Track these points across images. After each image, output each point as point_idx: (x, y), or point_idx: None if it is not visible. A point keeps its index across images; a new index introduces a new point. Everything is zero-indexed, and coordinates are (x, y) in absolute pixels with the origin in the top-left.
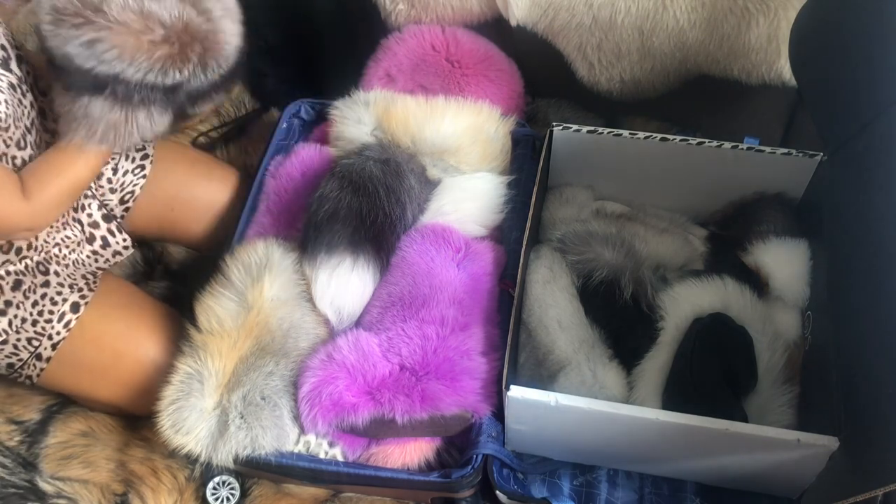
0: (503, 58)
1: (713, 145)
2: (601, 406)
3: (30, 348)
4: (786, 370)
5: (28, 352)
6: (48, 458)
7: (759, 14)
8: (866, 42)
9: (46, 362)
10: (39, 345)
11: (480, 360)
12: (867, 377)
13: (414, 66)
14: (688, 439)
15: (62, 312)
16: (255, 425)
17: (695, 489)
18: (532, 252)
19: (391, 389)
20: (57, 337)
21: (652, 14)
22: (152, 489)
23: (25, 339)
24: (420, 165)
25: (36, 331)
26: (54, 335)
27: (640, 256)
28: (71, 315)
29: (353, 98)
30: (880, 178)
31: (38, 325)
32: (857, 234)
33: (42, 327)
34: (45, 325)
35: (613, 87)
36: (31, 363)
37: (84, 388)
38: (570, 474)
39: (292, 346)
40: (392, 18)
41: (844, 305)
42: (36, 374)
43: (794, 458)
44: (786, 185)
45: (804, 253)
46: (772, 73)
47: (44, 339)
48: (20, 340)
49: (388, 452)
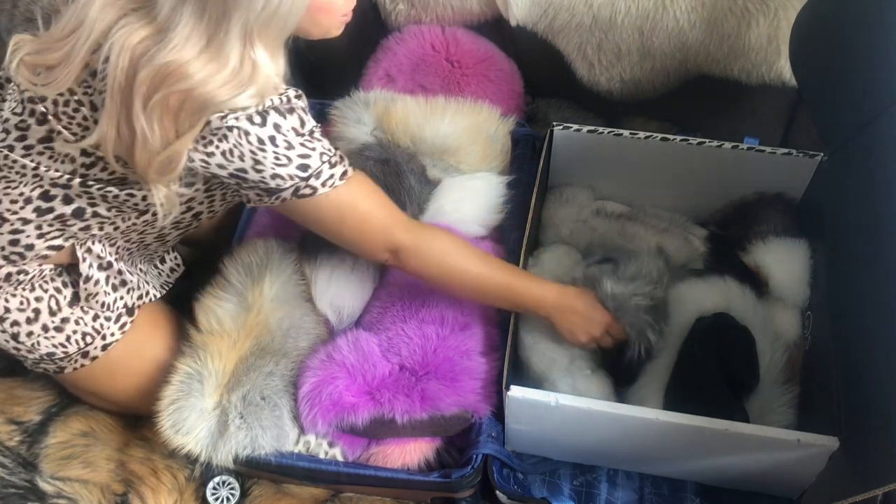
0: (503, 58)
1: (713, 145)
2: (601, 406)
3: (81, 343)
4: (786, 370)
5: (77, 347)
6: (48, 458)
7: (759, 14)
8: (866, 42)
9: (91, 361)
10: (91, 342)
11: (480, 360)
12: (867, 377)
13: (414, 66)
14: (688, 439)
15: (119, 314)
16: (255, 425)
17: (695, 489)
18: (533, 257)
19: (391, 389)
20: (111, 338)
21: (652, 14)
22: (152, 489)
23: (81, 334)
24: (420, 165)
25: (94, 327)
26: (108, 336)
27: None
28: (127, 318)
29: (353, 98)
30: (880, 178)
31: (97, 320)
32: (857, 234)
33: (101, 324)
34: (104, 321)
35: (613, 87)
36: (75, 358)
37: (117, 390)
38: (570, 474)
39: (292, 346)
40: (392, 18)
41: (844, 305)
42: (72, 369)
43: (794, 458)
44: (786, 185)
45: (804, 253)
46: (772, 73)
47: (97, 339)
48: (76, 333)
49: (388, 452)
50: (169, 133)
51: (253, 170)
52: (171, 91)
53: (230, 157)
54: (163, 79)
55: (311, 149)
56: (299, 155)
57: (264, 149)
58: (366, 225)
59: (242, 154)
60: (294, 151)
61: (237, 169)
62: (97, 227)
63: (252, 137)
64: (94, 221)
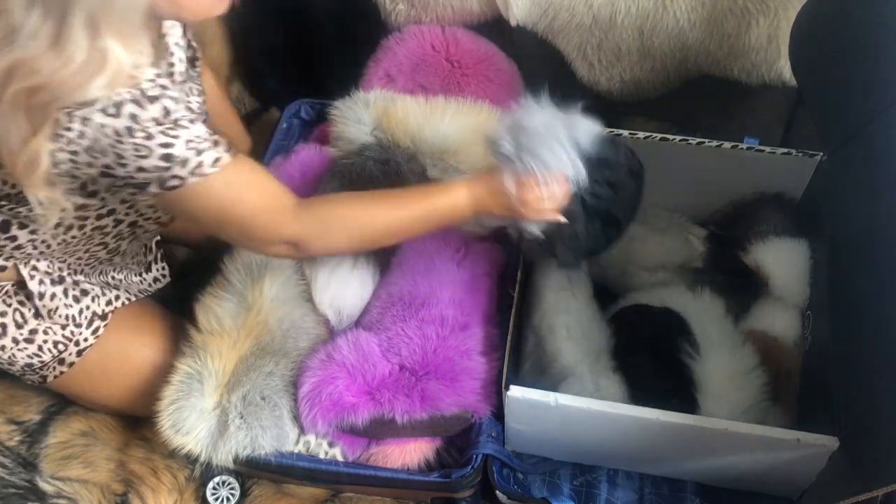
0: (503, 58)
1: (713, 145)
2: (601, 406)
3: (54, 351)
4: (752, 352)
5: (52, 355)
6: (48, 458)
7: (759, 14)
8: (866, 42)
9: (69, 367)
10: (65, 349)
11: (480, 360)
12: (867, 377)
13: (414, 67)
14: (688, 439)
15: (91, 319)
16: (255, 425)
17: (695, 489)
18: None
19: (391, 389)
20: (84, 343)
21: (652, 14)
22: (152, 489)
23: (52, 343)
24: (420, 166)
25: (65, 335)
26: (81, 342)
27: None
28: (99, 322)
29: (353, 98)
30: (880, 178)
31: (66, 328)
32: (856, 234)
33: (72, 331)
34: (74, 329)
35: (613, 87)
36: (52, 366)
37: (101, 393)
38: (570, 474)
39: (292, 346)
40: (392, 18)
41: (844, 305)
42: (53, 377)
43: (794, 458)
44: (786, 185)
45: (804, 253)
46: (772, 73)
47: (70, 345)
48: (47, 342)
49: (388, 452)
50: (25, 131)
51: (118, 164)
52: (22, 87)
53: (94, 154)
54: (11, 75)
55: (173, 136)
56: (160, 144)
57: (122, 141)
58: (248, 219)
59: (104, 149)
60: (154, 141)
61: (104, 165)
62: (30, 246)
63: (108, 129)
64: (25, 241)
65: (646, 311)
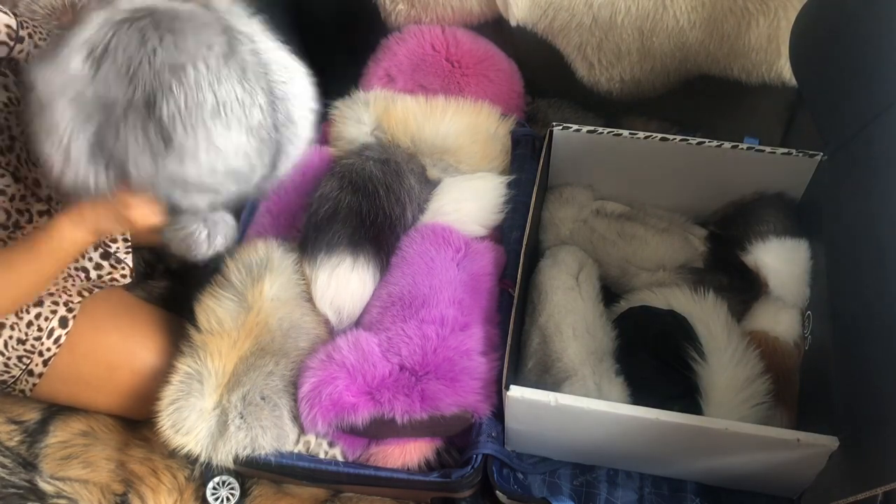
0: (503, 58)
1: (713, 145)
2: (601, 406)
3: (20, 365)
4: (756, 358)
5: (19, 369)
6: (48, 458)
7: (759, 14)
8: (866, 42)
9: (39, 378)
10: (31, 362)
11: (480, 360)
12: (867, 377)
13: (414, 66)
14: (688, 439)
15: (51, 328)
16: (255, 425)
17: (695, 489)
18: (549, 255)
19: (391, 389)
20: (48, 353)
21: (652, 14)
22: (152, 489)
23: (16, 357)
24: (420, 165)
25: (26, 348)
26: (45, 351)
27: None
28: (60, 331)
29: (353, 98)
30: (880, 178)
31: (27, 343)
32: (857, 234)
33: (32, 345)
34: (34, 342)
35: (613, 87)
36: (23, 379)
37: (81, 400)
38: (570, 474)
39: (292, 346)
40: (392, 18)
41: (844, 305)
42: (29, 389)
43: (794, 458)
44: (786, 185)
45: (804, 253)
46: (772, 73)
47: (34, 356)
48: (11, 359)
49: (388, 452)
50: None
51: None
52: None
53: None
54: None
55: None
56: None
57: None
58: None
59: None
60: None
61: None
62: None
63: None
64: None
65: (651, 313)
